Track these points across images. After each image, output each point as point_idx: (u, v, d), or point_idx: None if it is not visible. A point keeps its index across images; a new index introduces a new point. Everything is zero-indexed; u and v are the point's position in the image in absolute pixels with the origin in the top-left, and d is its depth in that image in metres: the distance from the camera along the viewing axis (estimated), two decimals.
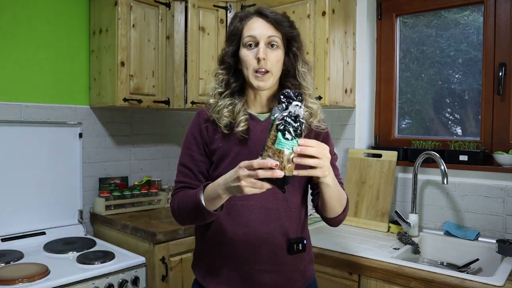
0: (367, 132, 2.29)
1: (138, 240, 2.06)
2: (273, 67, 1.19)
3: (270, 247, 1.19)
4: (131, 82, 2.21)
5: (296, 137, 0.95)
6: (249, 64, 1.18)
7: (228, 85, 1.25)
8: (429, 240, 1.93)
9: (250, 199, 1.17)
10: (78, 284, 1.64)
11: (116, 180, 2.50)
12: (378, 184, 2.11)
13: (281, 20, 1.21)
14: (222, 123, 1.21)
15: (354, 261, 1.58)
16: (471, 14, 2.04)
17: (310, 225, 2.09)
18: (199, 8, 2.34)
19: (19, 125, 2.10)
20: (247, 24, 1.20)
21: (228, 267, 1.21)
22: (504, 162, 1.82)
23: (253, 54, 1.18)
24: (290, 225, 1.21)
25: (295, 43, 1.24)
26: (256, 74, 1.18)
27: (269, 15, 1.21)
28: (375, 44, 2.30)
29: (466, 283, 1.35)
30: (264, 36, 1.18)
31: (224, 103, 1.23)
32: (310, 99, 1.24)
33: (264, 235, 1.18)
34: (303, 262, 1.26)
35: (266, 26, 1.19)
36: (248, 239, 1.18)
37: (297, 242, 1.21)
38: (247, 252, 1.18)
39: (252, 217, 1.18)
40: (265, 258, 1.19)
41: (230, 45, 1.23)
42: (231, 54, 1.23)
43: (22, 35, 2.13)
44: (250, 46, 1.19)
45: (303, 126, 0.96)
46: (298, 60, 1.24)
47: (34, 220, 2.14)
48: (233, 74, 1.25)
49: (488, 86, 1.95)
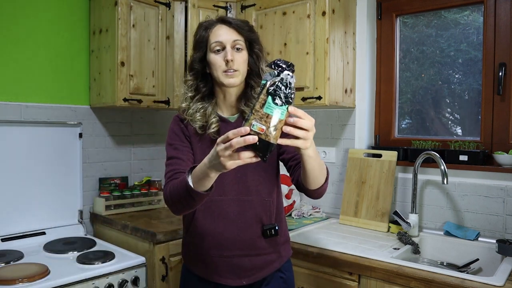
0: (367, 132, 2.29)
1: (138, 240, 2.06)
2: (240, 66, 1.31)
3: (247, 234, 1.34)
4: (131, 82, 2.21)
5: (286, 104, 0.95)
6: (218, 66, 1.31)
7: (197, 90, 1.37)
8: (429, 240, 1.93)
9: (227, 193, 1.33)
10: (78, 284, 1.64)
11: (116, 180, 2.50)
12: (378, 184, 2.11)
13: (242, 25, 1.34)
14: (195, 126, 1.34)
15: (354, 261, 1.58)
16: (471, 14, 2.05)
17: (310, 225, 2.10)
18: (199, 8, 2.34)
19: (19, 125, 2.10)
20: (212, 32, 1.33)
21: (211, 255, 1.35)
22: (504, 162, 1.82)
23: (221, 58, 1.30)
24: (264, 213, 1.36)
25: (256, 45, 1.37)
26: (226, 73, 1.30)
27: (231, 21, 1.34)
28: (375, 44, 2.30)
29: (466, 283, 1.35)
30: (229, 41, 1.31)
31: (196, 107, 1.35)
32: None
33: (241, 224, 1.34)
34: (278, 244, 1.40)
35: (230, 31, 1.32)
36: (227, 229, 1.33)
37: (270, 228, 1.35)
38: (227, 241, 1.33)
39: (230, 210, 1.34)
40: (243, 244, 1.34)
41: (198, 52, 1.35)
42: (198, 60, 1.35)
43: (22, 35, 2.13)
44: (218, 51, 1.31)
45: (293, 95, 0.97)
46: (261, 60, 1.37)
47: (34, 220, 2.14)
48: (202, 79, 1.37)
49: (488, 86, 1.95)
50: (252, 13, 2.26)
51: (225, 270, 1.35)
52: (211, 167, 1.06)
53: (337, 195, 2.34)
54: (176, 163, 1.32)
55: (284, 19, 2.12)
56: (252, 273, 1.35)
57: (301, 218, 2.25)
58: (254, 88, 1.37)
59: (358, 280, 1.58)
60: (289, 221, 2.15)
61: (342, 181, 2.30)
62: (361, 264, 1.56)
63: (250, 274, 1.35)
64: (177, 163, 1.32)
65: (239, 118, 1.39)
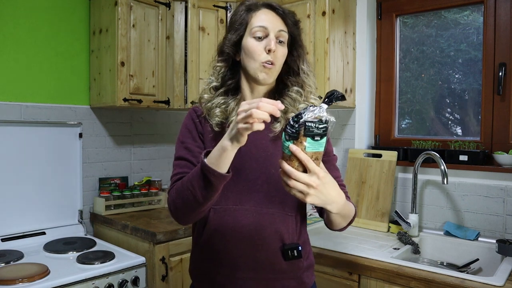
0: (367, 132, 2.29)
1: (138, 240, 2.06)
2: (278, 61, 1.16)
3: (264, 254, 1.14)
4: (131, 82, 2.21)
5: (289, 140, 0.90)
6: (257, 55, 1.13)
7: (224, 81, 1.21)
8: (429, 240, 1.93)
9: (244, 203, 1.14)
10: (78, 284, 1.64)
11: (116, 180, 2.50)
12: (378, 184, 2.11)
13: (289, 16, 1.18)
14: (213, 122, 1.18)
15: (354, 261, 1.58)
16: (471, 14, 2.05)
17: (310, 225, 2.09)
18: (199, 8, 2.34)
19: (19, 125, 2.10)
20: (256, 15, 1.16)
21: (223, 275, 1.16)
22: (504, 162, 1.82)
23: (262, 46, 1.13)
24: (285, 230, 1.15)
25: (299, 41, 1.21)
26: (264, 65, 1.13)
27: (279, 8, 1.17)
28: (375, 44, 2.30)
29: (466, 283, 1.35)
30: (275, 29, 1.14)
31: (217, 101, 1.19)
32: (311, 95, 1.22)
33: (259, 241, 1.13)
34: (301, 269, 1.19)
35: (276, 19, 1.16)
36: (241, 246, 1.14)
37: (291, 248, 1.14)
38: (241, 259, 1.14)
39: (246, 222, 1.13)
40: (260, 265, 1.14)
41: (234, 34, 1.17)
42: (232, 44, 1.17)
43: (22, 35, 2.13)
44: (259, 38, 1.14)
45: (300, 131, 0.89)
46: (302, 59, 1.22)
47: (34, 220, 2.14)
48: (231, 67, 1.21)
49: (488, 86, 1.95)
50: None
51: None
52: (228, 136, 0.98)
53: None
54: (186, 165, 1.16)
55: None
56: None
57: None
58: (289, 87, 1.21)
59: (358, 280, 1.58)
60: None
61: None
62: (361, 264, 1.56)
63: None
64: (186, 165, 1.16)
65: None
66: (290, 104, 1.18)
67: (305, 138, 0.88)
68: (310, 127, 0.88)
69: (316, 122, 0.89)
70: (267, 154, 1.16)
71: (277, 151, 1.13)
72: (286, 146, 0.90)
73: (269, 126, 1.16)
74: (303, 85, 1.21)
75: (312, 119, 0.88)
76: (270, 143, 1.17)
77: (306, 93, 1.20)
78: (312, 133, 0.88)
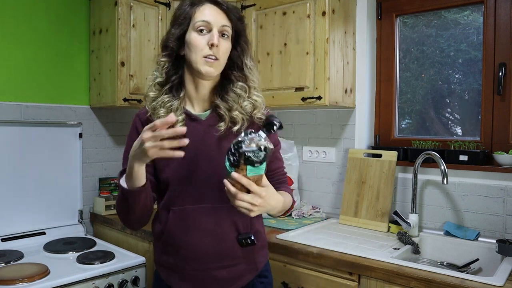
0: (367, 132, 2.29)
1: (138, 240, 2.06)
2: (222, 55, 1.18)
3: (224, 245, 1.22)
4: (131, 82, 2.21)
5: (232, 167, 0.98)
6: (199, 50, 1.15)
7: (168, 76, 1.22)
8: (429, 240, 1.93)
9: (202, 201, 1.20)
10: (78, 284, 1.64)
11: (116, 180, 2.50)
12: (378, 184, 2.11)
13: (233, 11, 1.21)
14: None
15: (354, 261, 1.58)
16: (471, 14, 2.04)
17: (310, 225, 2.10)
18: None
19: (19, 125, 2.10)
20: (200, 9, 1.17)
21: (189, 267, 1.24)
22: (504, 162, 1.82)
23: (205, 40, 1.15)
24: (239, 220, 1.24)
25: (243, 37, 1.24)
26: (206, 59, 1.16)
27: (222, 3, 1.19)
28: (375, 44, 2.30)
29: (466, 283, 1.35)
30: (218, 24, 1.17)
31: (162, 99, 1.21)
32: (255, 91, 1.26)
33: (217, 235, 1.21)
34: (254, 251, 1.29)
35: (220, 14, 1.18)
36: (203, 242, 1.21)
37: (245, 237, 1.23)
38: (202, 254, 1.22)
39: (205, 220, 1.21)
40: (221, 255, 1.23)
41: (176, 28, 1.19)
42: (176, 38, 1.19)
43: (22, 35, 2.13)
44: (201, 31, 1.16)
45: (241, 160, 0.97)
46: (246, 54, 1.25)
47: (34, 220, 2.14)
48: (174, 63, 1.22)
49: (488, 86, 1.95)
50: (252, 13, 2.25)
51: (205, 283, 1.24)
52: (134, 156, 1.04)
53: (337, 195, 2.34)
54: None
55: (284, 19, 2.12)
56: (231, 284, 1.26)
57: (301, 218, 2.25)
58: (233, 82, 1.24)
59: (358, 280, 1.58)
60: (289, 221, 2.15)
61: (342, 181, 2.30)
62: (361, 264, 1.56)
63: (229, 285, 1.25)
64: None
65: (211, 115, 1.24)
66: (235, 100, 1.22)
67: (245, 166, 0.97)
68: (250, 157, 0.95)
69: (255, 151, 0.96)
70: (216, 153, 1.20)
71: (222, 150, 1.16)
72: (229, 171, 0.98)
73: (215, 125, 1.22)
74: (246, 80, 1.25)
75: (251, 149, 0.95)
76: (217, 141, 1.21)
77: (250, 89, 1.24)
78: (251, 162, 0.96)
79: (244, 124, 1.22)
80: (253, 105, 1.24)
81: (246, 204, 1.00)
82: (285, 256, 1.73)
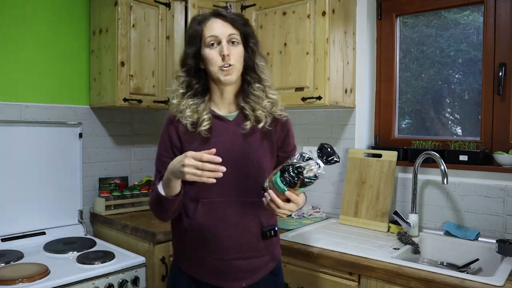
0: (367, 132, 2.29)
1: (138, 240, 2.06)
2: (236, 61, 1.30)
3: (248, 237, 1.32)
4: (131, 82, 2.21)
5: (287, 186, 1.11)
6: (214, 62, 1.28)
7: (190, 86, 1.34)
8: (429, 240, 1.93)
9: (228, 195, 1.30)
10: (78, 284, 1.64)
11: (116, 180, 2.50)
12: (378, 184, 2.11)
13: (237, 19, 1.32)
14: (186, 123, 1.31)
15: (354, 261, 1.58)
16: (471, 14, 2.04)
17: (310, 225, 2.10)
18: (199, 8, 2.34)
19: (19, 125, 2.10)
20: (207, 26, 1.30)
21: (211, 257, 1.32)
22: (504, 162, 1.82)
23: (216, 52, 1.28)
24: (262, 214, 1.33)
25: (251, 39, 1.35)
26: (222, 69, 1.28)
27: (226, 15, 1.32)
28: (375, 44, 2.30)
29: (466, 283, 1.35)
30: (225, 35, 1.29)
31: (186, 103, 1.33)
32: (270, 90, 1.37)
33: (242, 227, 1.31)
34: (272, 244, 1.40)
35: (225, 25, 1.30)
36: (227, 233, 1.30)
37: (269, 229, 1.35)
38: (227, 244, 1.30)
39: (230, 211, 1.30)
40: (243, 247, 1.32)
41: (191, 47, 1.32)
42: (192, 56, 1.32)
43: (22, 35, 2.13)
44: (212, 45, 1.29)
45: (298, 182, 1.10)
46: (256, 54, 1.35)
47: (34, 220, 2.14)
48: (194, 75, 1.34)
49: (488, 86, 1.95)
50: (252, 13, 2.25)
51: (224, 273, 1.31)
52: (171, 172, 1.18)
53: (337, 195, 2.34)
54: (161, 178, 1.30)
55: (284, 19, 2.12)
56: (251, 275, 1.33)
57: (301, 218, 2.25)
58: (251, 84, 1.34)
59: (358, 280, 1.58)
60: (289, 221, 2.15)
61: (342, 181, 2.30)
62: (361, 264, 1.56)
63: (249, 276, 1.33)
64: (162, 178, 1.30)
65: (238, 116, 1.36)
66: (255, 101, 1.33)
67: (299, 188, 1.11)
68: (307, 182, 1.08)
69: (312, 178, 1.08)
70: (243, 151, 1.32)
71: (250, 146, 1.32)
72: (281, 188, 1.11)
73: (242, 124, 1.33)
74: (261, 80, 1.36)
75: (310, 176, 1.08)
76: (244, 139, 1.33)
77: (266, 88, 1.35)
78: (306, 185, 1.10)
79: (267, 121, 1.33)
80: (271, 104, 1.35)
81: (285, 211, 1.15)
82: (285, 256, 1.73)
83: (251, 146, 1.32)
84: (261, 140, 1.34)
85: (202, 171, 1.10)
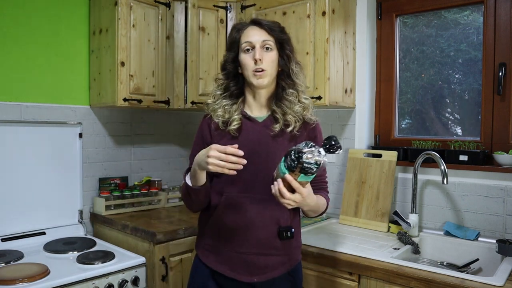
0: (367, 132, 2.29)
1: (138, 240, 2.06)
2: (268, 66, 1.36)
3: (264, 234, 1.36)
4: (131, 82, 2.21)
5: (288, 170, 1.12)
6: (248, 66, 1.36)
7: (227, 89, 1.43)
8: (429, 240, 1.93)
9: (251, 191, 1.35)
10: (78, 284, 1.64)
11: (116, 180, 2.50)
12: (378, 184, 2.11)
13: (273, 26, 1.39)
14: (217, 121, 1.40)
15: (354, 261, 1.58)
16: (471, 14, 2.05)
17: (310, 225, 2.10)
18: (199, 8, 2.34)
19: (19, 125, 2.10)
20: (244, 33, 1.39)
21: (227, 249, 1.38)
22: (504, 162, 1.82)
23: (250, 57, 1.36)
24: (281, 215, 1.37)
25: (287, 46, 1.41)
26: (255, 73, 1.35)
27: (262, 22, 1.39)
28: (375, 44, 2.30)
29: (466, 283, 1.35)
30: (259, 41, 1.36)
31: (220, 103, 1.42)
32: (303, 95, 1.43)
33: (259, 223, 1.35)
34: (291, 247, 1.42)
35: (260, 32, 1.38)
36: (246, 227, 1.35)
37: (286, 230, 1.37)
38: (244, 238, 1.36)
39: (250, 207, 1.36)
40: (260, 243, 1.36)
41: (230, 53, 1.42)
42: (231, 60, 1.42)
43: (22, 35, 2.13)
44: (247, 50, 1.37)
45: (297, 168, 1.11)
46: (291, 60, 1.41)
47: (34, 220, 2.14)
48: (233, 79, 1.43)
49: (488, 86, 1.95)
50: (252, 13, 2.26)
51: (238, 266, 1.36)
52: (197, 164, 1.27)
53: (337, 195, 2.34)
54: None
55: (284, 19, 2.12)
56: (264, 272, 1.37)
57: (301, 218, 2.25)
58: (285, 89, 1.40)
59: (358, 280, 1.58)
60: None
61: (342, 181, 2.30)
62: (361, 264, 1.56)
63: (262, 272, 1.36)
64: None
65: (268, 118, 1.41)
66: (287, 106, 1.39)
67: (299, 173, 1.12)
68: (306, 167, 1.10)
69: (312, 164, 1.10)
70: (268, 151, 1.37)
71: (276, 148, 1.36)
72: (282, 171, 1.13)
73: (271, 126, 1.39)
74: (295, 84, 1.41)
75: (310, 161, 1.09)
76: (271, 140, 1.38)
77: (299, 93, 1.41)
78: (306, 172, 1.10)
79: (297, 126, 1.39)
80: (303, 108, 1.41)
81: (289, 201, 1.16)
82: None
83: (276, 147, 1.37)
84: (288, 142, 1.39)
85: (224, 163, 1.17)
